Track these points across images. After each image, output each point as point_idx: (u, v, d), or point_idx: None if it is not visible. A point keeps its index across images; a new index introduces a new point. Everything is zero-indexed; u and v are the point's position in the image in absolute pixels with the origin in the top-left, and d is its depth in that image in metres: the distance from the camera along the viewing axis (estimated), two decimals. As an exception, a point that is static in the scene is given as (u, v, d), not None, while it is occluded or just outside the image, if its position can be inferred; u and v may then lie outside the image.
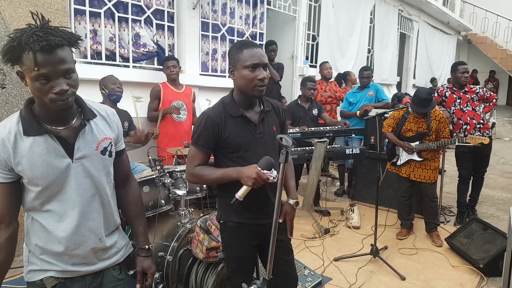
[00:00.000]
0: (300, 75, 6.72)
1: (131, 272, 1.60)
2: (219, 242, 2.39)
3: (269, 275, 1.36)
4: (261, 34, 6.03)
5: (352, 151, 4.49)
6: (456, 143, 3.78)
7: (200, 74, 5.18)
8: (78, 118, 1.36)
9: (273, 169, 1.65)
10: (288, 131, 4.35)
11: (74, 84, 1.26)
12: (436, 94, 4.57)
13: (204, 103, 4.66)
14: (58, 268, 1.38)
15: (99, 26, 4.18)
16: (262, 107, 1.90)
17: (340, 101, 5.81)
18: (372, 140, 4.99)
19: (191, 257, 2.58)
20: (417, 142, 3.84)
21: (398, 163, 4.02)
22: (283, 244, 2.00)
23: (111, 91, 3.53)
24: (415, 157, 3.88)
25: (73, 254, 1.37)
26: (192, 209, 3.27)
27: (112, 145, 1.46)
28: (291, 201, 1.95)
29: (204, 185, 3.28)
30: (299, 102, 4.82)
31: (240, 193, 1.67)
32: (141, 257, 1.60)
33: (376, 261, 3.49)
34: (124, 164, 1.59)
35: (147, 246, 1.62)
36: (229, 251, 2.00)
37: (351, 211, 4.55)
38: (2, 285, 1.37)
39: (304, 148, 4.35)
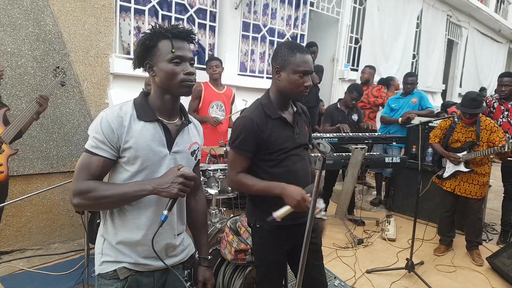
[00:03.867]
0: (340, 79, 6.59)
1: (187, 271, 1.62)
2: (248, 244, 2.36)
3: (299, 286, 1.30)
4: (302, 36, 5.95)
5: (392, 159, 4.31)
6: (507, 149, 3.34)
7: (238, 74, 5.18)
8: (180, 119, 1.50)
9: (321, 201, 1.55)
10: (325, 136, 4.28)
11: (195, 74, 1.42)
12: (484, 104, 4.35)
13: (240, 103, 4.64)
14: (131, 260, 1.42)
15: (143, 23, 4.26)
16: (295, 108, 1.92)
17: (381, 107, 5.62)
18: (414, 149, 4.79)
19: (219, 257, 2.57)
20: (465, 152, 3.63)
21: (444, 175, 3.79)
22: (315, 247, 1.96)
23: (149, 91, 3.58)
24: (461, 168, 3.65)
25: (148, 246, 1.38)
26: (224, 209, 3.26)
27: (199, 151, 1.57)
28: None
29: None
30: (339, 106, 4.69)
31: (280, 213, 1.57)
32: (203, 267, 1.65)
33: (411, 277, 3.33)
34: (198, 173, 1.66)
35: (209, 257, 1.67)
36: (261, 255, 1.96)
37: (387, 222, 4.38)
38: (35, 272, 1.44)
39: (340, 154, 4.23)
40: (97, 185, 1.31)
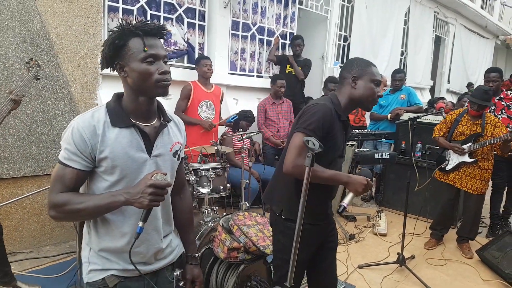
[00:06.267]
0: (329, 76, 6.61)
1: (177, 272, 1.60)
2: (240, 242, 2.37)
3: (291, 282, 1.32)
4: (291, 34, 5.97)
5: (382, 155, 4.36)
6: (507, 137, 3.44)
7: (229, 73, 5.18)
8: (158, 119, 1.43)
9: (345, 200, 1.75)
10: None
11: (170, 72, 1.34)
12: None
13: (231, 102, 4.66)
14: (119, 267, 1.38)
15: (132, 23, 4.23)
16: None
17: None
18: (403, 145, 4.85)
19: (212, 256, 2.58)
20: (469, 144, 3.67)
21: (448, 167, 3.82)
22: (335, 245, 2.04)
23: None
24: (466, 158, 3.69)
25: (134, 252, 1.34)
26: (217, 208, 3.27)
27: (181, 150, 1.51)
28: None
29: (228, 185, 3.28)
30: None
31: (347, 200, 1.71)
32: (191, 265, 1.63)
33: (402, 271, 3.38)
34: (182, 171, 1.62)
35: (196, 254, 1.66)
36: (287, 253, 1.79)
37: (378, 217, 4.43)
38: (27, 275, 1.40)
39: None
40: (71, 197, 1.27)
